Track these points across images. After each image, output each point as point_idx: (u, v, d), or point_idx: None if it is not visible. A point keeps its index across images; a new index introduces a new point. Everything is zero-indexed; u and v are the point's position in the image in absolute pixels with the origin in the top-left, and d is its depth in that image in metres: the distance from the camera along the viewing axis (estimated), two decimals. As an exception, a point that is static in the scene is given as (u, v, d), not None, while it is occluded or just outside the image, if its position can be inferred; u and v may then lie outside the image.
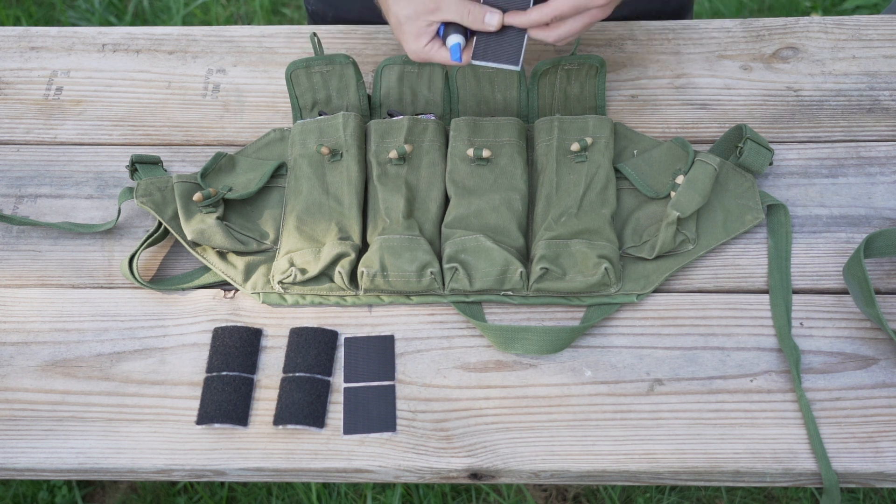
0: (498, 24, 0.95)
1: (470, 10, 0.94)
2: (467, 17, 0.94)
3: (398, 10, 0.96)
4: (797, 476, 0.88)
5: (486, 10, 0.94)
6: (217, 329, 0.96)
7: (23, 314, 0.99)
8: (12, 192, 1.08)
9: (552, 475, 0.89)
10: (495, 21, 0.94)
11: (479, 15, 0.94)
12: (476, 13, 0.94)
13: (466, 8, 0.94)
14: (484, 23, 0.94)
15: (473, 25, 0.95)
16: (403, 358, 0.95)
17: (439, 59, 0.97)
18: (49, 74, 1.19)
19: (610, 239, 0.97)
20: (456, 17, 0.94)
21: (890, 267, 0.99)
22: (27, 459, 0.90)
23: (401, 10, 0.95)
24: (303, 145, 1.05)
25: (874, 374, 0.92)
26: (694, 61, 1.16)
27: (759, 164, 1.02)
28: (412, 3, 0.95)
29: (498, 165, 1.03)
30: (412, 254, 0.95)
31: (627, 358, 0.94)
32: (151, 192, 1.02)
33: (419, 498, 1.63)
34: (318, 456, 0.90)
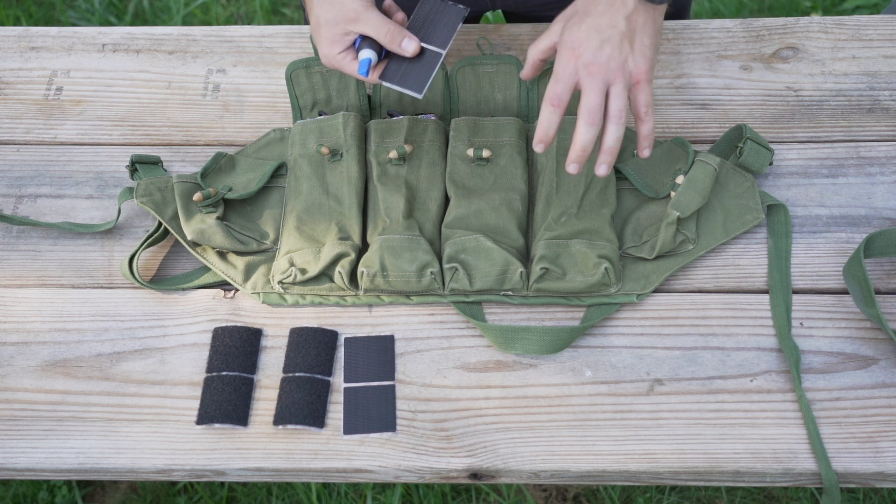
0: (414, 51, 0.96)
1: (390, 30, 0.94)
2: (385, 37, 0.95)
3: (319, 13, 0.96)
4: (797, 476, 0.88)
5: (406, 35, 0.95)
6: (217, 329, 0.96)
7: (23, 314, 0.99)
8: (12, 192, 1.08)
9: (552, 475, 0.89)
10: (412, 48, 0.96)
11: (398, 38, 0.95)
12: (395, 35, 0.95)
13: (387, 27, 0.94)
14: (401, 46, 0.95)
15: (390, 47, 0.95)
16: (403, 358, 0.95)
17: (348, 70, 0.97)
18: (49, 74, 1.19)
19: (610, 239, 0.97)
20: (374, 33, 0.95)
21: (890, 267, 0.99)
22: (27, 459, 0.90)
23: (322, 12, 0.95)
24: (303, 145, 1.05)
25: (874, 374, 0.92)
26: (694, 61, 1.16)
27: (759, 164, 1.02)
28: (334, 8, 0.94)
29: (498, 165, 1.03)
30: (412, 254, 0.95)
31: (627, 358, 0.94)
32: (151, 192, 1.02)
33: (419, 498, 1.63)
34: (318, 456, 0.90)
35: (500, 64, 1.09)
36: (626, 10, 0.92)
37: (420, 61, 0.97)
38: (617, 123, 0.91)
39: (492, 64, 1.09)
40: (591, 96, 0.90)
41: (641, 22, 0.92)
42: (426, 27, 0.98)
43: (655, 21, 0.94)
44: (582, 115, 0.90)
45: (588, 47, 0.91)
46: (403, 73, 0.97)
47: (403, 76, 0.97)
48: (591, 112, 0.90)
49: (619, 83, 0.91)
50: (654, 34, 0.93)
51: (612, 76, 0.91)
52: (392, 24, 0.95)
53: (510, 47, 1.18)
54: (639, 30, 0.92)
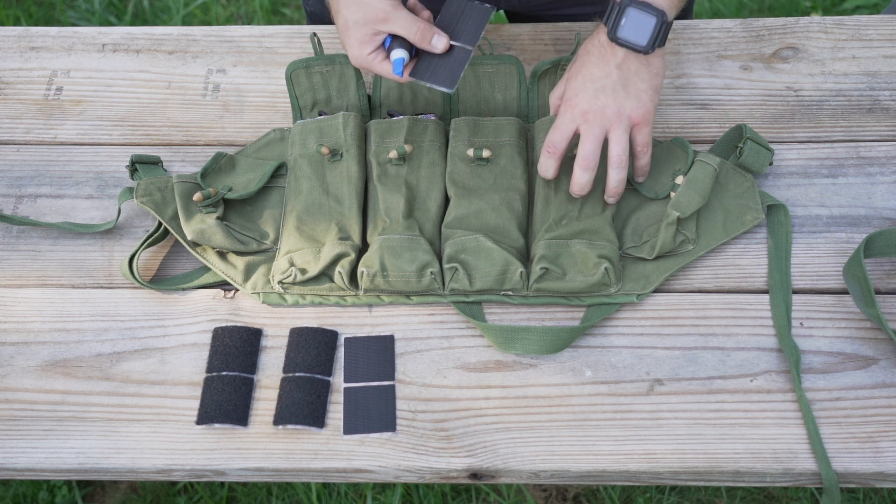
0: (444, 47, 0.96)
1: (420, 28, 0.95)
2: (416, 35, 0.95)
3: (347, 14, 0.96)
4: (797, 476, 0.88)
5: (436, 31, 0.96)
6: (217, 329, 0.96)
7: (23, 314, 0.99)
8: (12, 192, 1.08)
9: (552, 475, 0.89)
10: (442, 45, 0.96)
11: (427, 35, 0.96)
12: (426, 33, 0.95)
13: (417, 26, 0.95)
14: (431, 44, 0.96)
15: (421, 44, 0.96)
16: (403, 358, 0.95)
17: (380, 70, 0.97)
18: (49, 74, 1.18)
19: (610, 239, 0.97)
20: (404, 32, 0.95)
21: (890, 267, 0.99)
22: (27, 459, 0.90)
23: (350, 14, 0.96)
24: (303, 145, 1.05)
25: (874, 374, 0.92)
26: (694, 61, 1.16)
27: (759, 164, 1.02)
28: (363, 9, 0.95)
29: (498, 165, 1.03)
30: (412, 254, 0.95)
31: (627, 358, 0.94)
32: (151, 192, 1.02)
33: (419, 498, 1.63)
34: (318, 456, 0.90)
35: (500, 64, 1.09)
36: (617, 60, 0.96)
37: (449, 58, 0.98)
38: (616, 168, 0.96)
39: (492, 64, 1.09)
40: (587, 143, 0.95)
41: (634, 69, 0.96)
42: (454, 25, 0.99)
43: (651, 65, 0.97)
44: (578, 161, 0.96)
45: (584, 97, 0.96)
46: (434, 69, 0.98)
47: (434, 73, 0.98)
48: (586, 158, 0.95)
49: (618, 128, 0.96)
50: (650, 78, 0.97)
51: (608, 123, 0.95)
52: (421, 21, 0.95)
53: (510, 47, 1.18)
54: (632, 76, 0.96)
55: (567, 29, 1.19)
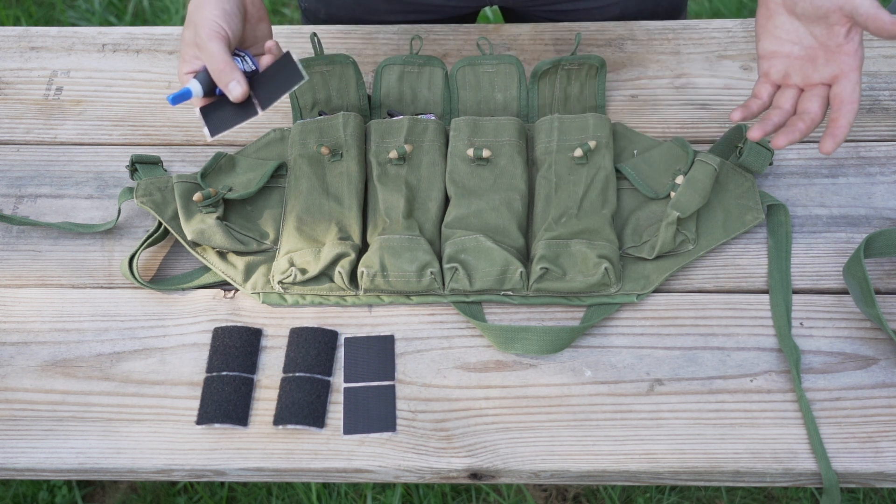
0: (237, 96, 0.93)
1: (221, 69, 0.92)
2: (214, 73, 0.93)
3: (184, 32, 0.96)
4: (797, 476, 0.88)
5: (236, 78, 0.92)
6: (217, 329, 0.96)
7: (23, 314, 0.99)
8: (12, 192, 1.08)
9: (552, 475, 0.89)
10: (236, 93, 0.92)
11: (224, 78, 0.92)
12: (225, 75, 0.92)
13: (219, 65, 0.92)
14: (227, 87, 0.93)
15: (218, 82, 0.93)
16: (403, 358, 0.95)
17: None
18: (49, 74, 1.19)
19: (610, 239, 0.97)
20: (208, 65, 0.93)
21: (890, 267, 0.99)
22: (27, 459, 0.90)
23: (186, 32, 0.96)
24: (303, 145, 1.05)
25: (874, 374, 0.92)
26: (694, 61, 1.16)
27: (759, 164, 1.02)
28: (190, 31, 0.94)
29: (498, 165, 1.03)
30: (412, 254, 0.95)
31: (627, 358, 0.94)
32: (151, 192, 1.02)
33: (419, 498, 1.63)
34: (318, 456, 0.90)
35: (500, 64, 1.09)
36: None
37: (237, 108, 0.94)
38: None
39: (492, 64, 1.09)
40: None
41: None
42: (267, 81, 0.95)
43: None
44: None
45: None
46: (217, 110, 0.95)
47: (212, 112, 0.95)
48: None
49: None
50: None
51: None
52: (229, 63, 0.92)
53: (510, 47, 1.18)
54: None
55: (567, 29, 1.19)
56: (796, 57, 0.94)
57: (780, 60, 0.95)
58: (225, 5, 0.94)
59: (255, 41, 0.99)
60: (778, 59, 0.95)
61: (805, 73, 0.94)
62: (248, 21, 0.98)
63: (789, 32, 0.94)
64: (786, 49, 0.94)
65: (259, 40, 1.00)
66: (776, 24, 0.94)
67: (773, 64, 0.95)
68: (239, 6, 0.96)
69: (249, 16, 0.98)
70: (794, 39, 0.94)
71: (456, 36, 1.20)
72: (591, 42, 1.18)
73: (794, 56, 0.94)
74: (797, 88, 0.95)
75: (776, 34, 0.94)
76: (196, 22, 0.93)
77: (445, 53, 1.18)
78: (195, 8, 0.95)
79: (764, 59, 0.96)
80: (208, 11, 0.93)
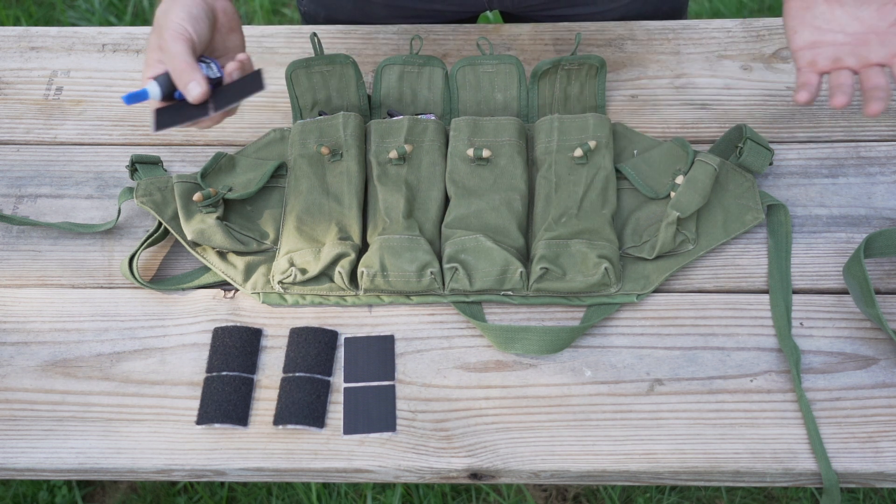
0: (195, 98, 0.91)
1: (183, 68, 0.91)
2: (174, 73, 0.92)
3: (151, 37, 0.95)
4: (797, 476, 0.88)
5: (195, 79, 0.91)
6: (217, 329, 0.96)
7: (23, 314, 0.99)
8: (12, 192, 1.08)
9: (552, 475, 0.89)
10: (194, 94, 0.91)
11: (184, 78, 0.91)
12: (184, 74, 0.91)
13: (183, 64, 0.91)
14: (186, 87, 0.91)
15: (177, 82, 0.92)
16: (403, 358, 0.95)
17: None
18: (49, 74, 1.19)
19: (610, 239, 0.97)
20: (169, 66, 0.92)
21: (890, 267, 0.99)
22: (27, 459, 0.90)
23: (151, 36, 0.95)
24: (303, 145, 1.05)
25: (874, 374, 0.92)
26: (694, 61, 1.16)
27: (759, 164, 1.02)
28: (155, 35, 0.94)
29: (498, 165, 1.03)
30: (412, 254, 0.95)
31: (627, 358, 0.94)
32: (151, 192, 1.02)
33: (419, 498, 1.63)
34: (318, 456, 0.90)
35: (500, 64, 1.09)
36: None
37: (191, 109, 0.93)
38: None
39: (492, 64, 1.09)
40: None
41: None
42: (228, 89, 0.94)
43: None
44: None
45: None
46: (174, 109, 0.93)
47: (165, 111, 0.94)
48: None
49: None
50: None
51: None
52: (191, 64, 0.91)
53: (510, 47, 1.18)
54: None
55: (567, 29, 1.19)
56: (842, 43, 0.93)
57: (826, 49, 0.93)
58: (192, 9, 0.93)
59: (225, 51, 0.98)
60: (823, 48, 0.93)
61: (860, 56, 0.92)
62: (219, 30, 0.97)
63: (830, 21, 0.93)
64: (828, 38, 0.93)
65: (230, 51, 0.98)
66: (815, 15, 0.94)
67: (818, 52, 0.93)
68: (207, 13, 0.95)
69: (220, 25, 0.97)
70: (835, 28, 0.93)
71: (456, 36, 1.20)
72: (591, 42, 1.18)
73: (840, 43, 0.93)
74: (851, 70, 0.93)
75: (815, 24, 0.94)
76: (162, 25, 0.93)
77: (445, 53, 1.18)
78: (162, 13, 0.94)
79: (805, 49, 0.94)
80: (174, 15, 0.93)
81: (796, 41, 0.95)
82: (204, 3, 0.94)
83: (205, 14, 0.94)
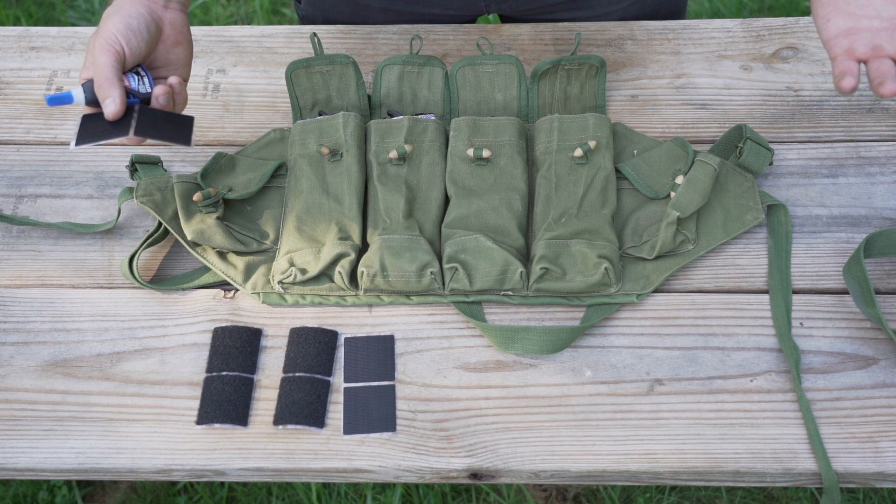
0: (110, 115, 0.92)
1: (103, 83, 0.92)
2: (96, 84, 0.92)
3: (90, 38, 0.95)
4: (797, 476, 0.88)
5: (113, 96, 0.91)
6: (217, 329, 0.96)
7: (23, 314, 0.99)
8: (12, 192, 1.08)
9: (552, 475, 0.89)
10: (109, 109, 0.92)
11: (102, 93, 0.92)
12: (104, 90, 0.92)
13: (103, 79, 0.91)
14: (103, 102, 0.92)
15: (98, 96, 0.93)
16: (403, 358, 0.95)
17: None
18: (49, 74, 1.19)
19: (610, 239, 0.97)
20: (95, 77, 0.92)
21: (890, 267, 0.99)
22: (27, 459, 0.90)
23: (91, 38, 0.95)
24: (303, 145, 1.05)
25: (874, 374, 0.92)
26: (694, 61, 1.16)
27: (759, 164, 1.02)
28: (94, 40, 0.94)
29: (498, 165, 1.03)
30: (412, 254, 0.95)
31: (627, 358, 0.94)
32: (151, 192, 1.02)
33: (419, 498, 1.63)
34: (318, 456, 0.90)
35: (500, 64, 1.09)
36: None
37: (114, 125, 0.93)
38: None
39: (492, 64, 1.09)
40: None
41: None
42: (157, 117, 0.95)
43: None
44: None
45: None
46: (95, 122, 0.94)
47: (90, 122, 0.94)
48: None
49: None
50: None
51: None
52: (111, 79, 0.91)
53: (510, 47, 1.18)
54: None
55: (567, 29, 1.19)
56: (879, 29, 0.89)
57: (863, 35, 0.90)
58: (131, 21, 0.93)
59: (166, 63, 0.98)
60: (860, 34, 0.90)
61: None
62: (163, 42, 0.97)
63: (864, 7, 0.90)
64: (864, 24, 0.90)
65: (172, 63, 0.98)
66: (848, 1, 0.91)
67: (855, 40, 0.90)
68: (149, 25, 0.94)
69: (165, 37, 0.97)
70: (871, 14, 0.90)
71: (456, 36, 1.20)
72: (591, 42, 1.18)
73: (878, 28, 0.90)
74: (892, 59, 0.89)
75: (849, 10, 0.90)
76: (99, 33, 0.93)
77: (445, 53, 1.18)
78: (105, 18, 0.94)
79: (840, 37, 0.91)
80: (112, 24, 0.93)
81: (829, 29, 0.91)
82: (148, 15, 0.94)
83: (145, 27, 0.94)
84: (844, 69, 0.89)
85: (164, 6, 0.97)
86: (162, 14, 0.96)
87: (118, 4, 0.95)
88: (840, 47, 0.90)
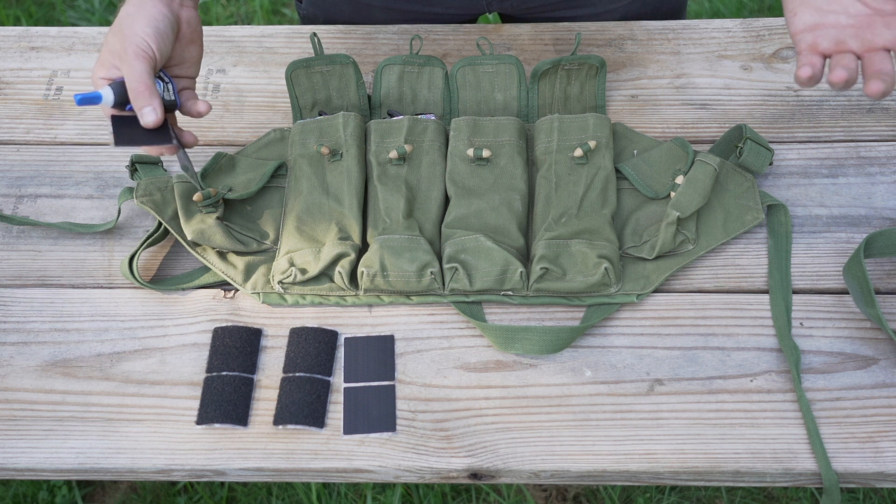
0: (149, 124, 0.90)
1: (142, 91, 0.90)
2: (132, 92, 0.90)
3: (109, 38, 0.93)
4: (797, 476, 0.88)
5: (152, 104, 0.90)
6: (217, 329, 0.96)
7: (23, 314, 0.99)
8: (12, 192, 1.08)
9: (552, 475, 0.89)
10: (149, 119, 0.90)
11: (141, 101, 0.90)
12: (140, 98, 0.90)
13: (142, 86, 0.90)
14: (141, 111, 0.90)
15: (133, 102, 0.91)
16: (403, 358, 0.95)
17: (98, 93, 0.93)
18: (49, 74, 1.19)
19: (610, 239, 0.97)
20: (127, 81, 0.90)
21: (890, 267, 0.99)
22: (27, 459, 0.90)
23: (110, 37, 0.93)
24: (303, 145, 1.05)
25: (874, 374, 0.92)
26: (694, 61, 1.16)
27: (759, 164, 1.02)
28: (117, 40, 0.92)
29: (498, 165, 1.03)
30: (412, 254, 0.95)
31: (627, 358, 0.94)
32: (151, 192, 1.02)
33: (419, 498, 1.63)
34: (318, 456, 0.90)
35: (500, 64, 1.09)
36: None
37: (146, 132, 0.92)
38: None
39: (492, 64, 1.09)
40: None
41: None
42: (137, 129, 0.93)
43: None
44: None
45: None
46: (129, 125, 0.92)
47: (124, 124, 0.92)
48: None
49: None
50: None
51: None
52: (150, 87, 0.90)
53: (510, 47, 1.18)
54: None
55: (567, 29, 1.19)
56: (845, 25, 0.89)
57: (827, 30, 0.90)
58: (159, 24, 0.92)
59: (181, 61, 0.97)
60: (825, 30, 0.90)
61: (864, 39, 0.88)
62: (179, 41, 0.96)
63: (832, 3, 0.90)
64: (830, 20, 0.90)
65: (186, 61, 0.97)
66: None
67: (819, 34, 0.90)
68: (173, 27, 0.94)
69: (182, 35, 0.96)
70: (837, 10, 0.90)
71: (456, 36, 1.20)
72: (591, 42, 1.18)
73: (843, 25, 0.90)
74: (854, 54, 0.89)
75: (817, 5, 0.90)
76: (125, 34, 0.91)
77: (445, 53, 1.18)
78: (127, 17, 0.92)
79: (805, 32, 0.91)
80: (140, 27, 0.91)
81: (796, 23, 0.92)
82: (171, 15, 0.93)
83: (171, 28, 0.93)
84: (805, 62, 0.89)
85: (180, 4, 0.96)
86: (179, 12, 0.95)
87: (139, 3, 0.93)
88: (805, 42, 0.90)
